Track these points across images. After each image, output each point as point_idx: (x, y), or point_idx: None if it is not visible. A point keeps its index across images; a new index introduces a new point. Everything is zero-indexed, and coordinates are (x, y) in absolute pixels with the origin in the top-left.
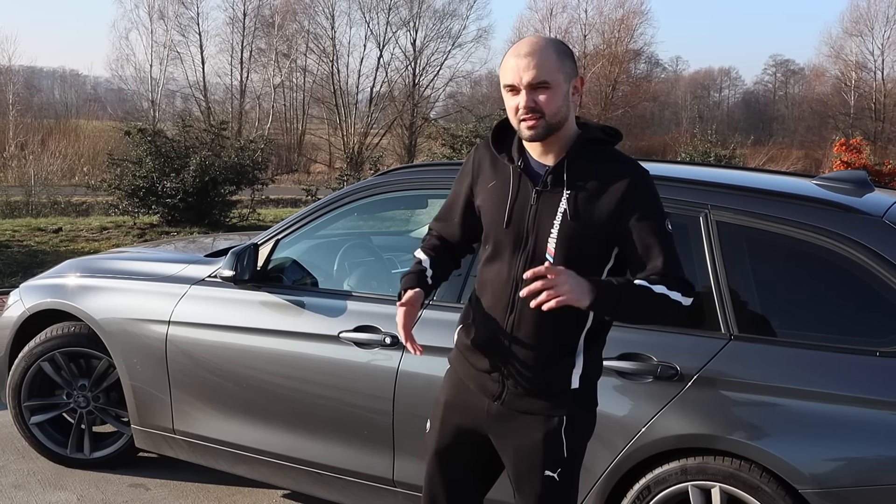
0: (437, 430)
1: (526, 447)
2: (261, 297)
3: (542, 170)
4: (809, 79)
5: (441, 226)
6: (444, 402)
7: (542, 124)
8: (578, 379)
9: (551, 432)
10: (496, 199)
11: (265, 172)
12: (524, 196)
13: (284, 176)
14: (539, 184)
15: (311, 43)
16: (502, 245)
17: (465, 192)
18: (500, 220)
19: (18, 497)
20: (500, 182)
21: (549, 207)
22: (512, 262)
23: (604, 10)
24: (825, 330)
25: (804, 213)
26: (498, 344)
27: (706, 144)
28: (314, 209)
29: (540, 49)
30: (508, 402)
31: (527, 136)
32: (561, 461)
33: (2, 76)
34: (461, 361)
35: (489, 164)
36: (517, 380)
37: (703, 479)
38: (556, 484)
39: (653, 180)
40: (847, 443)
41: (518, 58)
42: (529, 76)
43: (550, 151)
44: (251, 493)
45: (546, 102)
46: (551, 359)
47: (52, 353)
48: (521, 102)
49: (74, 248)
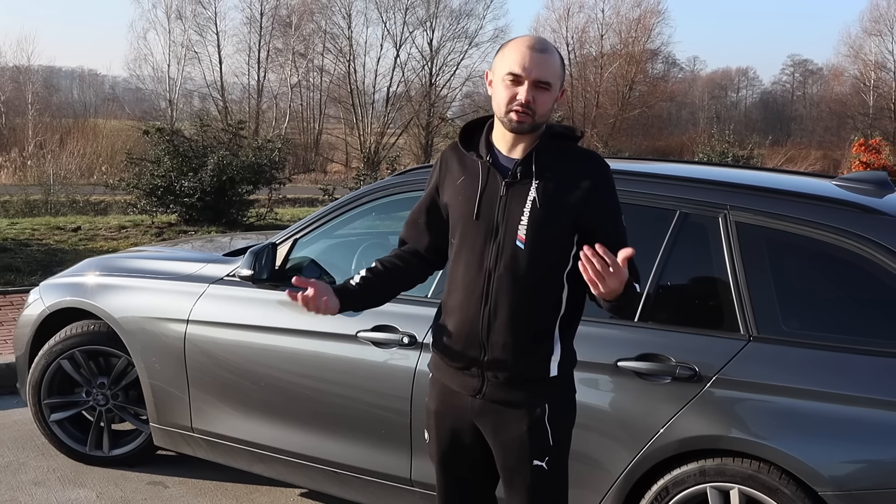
0: (434, 438)
1: (511, 439)
2: (279, 297)
3: (510, 163)
4: (828, 79)
5: (408, 231)
6: (433, 411)
7: (530, 122)
8: (557, 367)
9: (535, 422)
10: (465, 193)
11: (282, 172)
12: (493, 188)
13: (301, 175)
14: (508, 176)
15: (327, 43)
16: (472, 237)
17: (431, 192)
18: (470, 212)
19: (38, 494)
20: (468, 177)
21: (518, 198)
22: (484, 253)
23: (621, 10)
24: (845, 331)
25: (824, 213)
26: (474, 337)
27: (724, 145)
28: (332, 209)
29: (551, 51)
30: (489, 395)
31: (511, 128)
32: (547, 449)
33: (21, 76)
34: (439, 365)
35: (457, 163)
36: (497, 371)
37: (722, 480)
38: (545, 473)
39: (613, 175)
40: (867, 445)
41: (532, 51)
42: (539, 73)
43: (519, 146)
44: (269, 492)
45: (542, 103)
46: (529, 347)
47: (72, 352)
48: (521, 95)
49: (93, 246)
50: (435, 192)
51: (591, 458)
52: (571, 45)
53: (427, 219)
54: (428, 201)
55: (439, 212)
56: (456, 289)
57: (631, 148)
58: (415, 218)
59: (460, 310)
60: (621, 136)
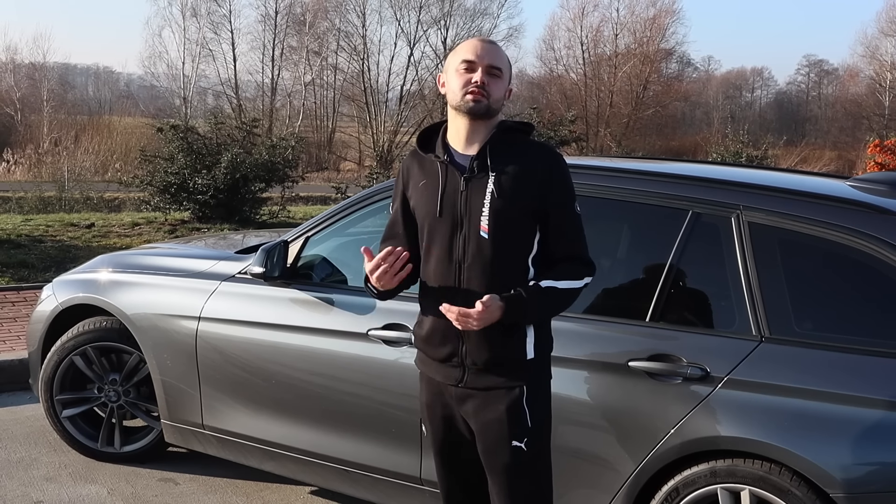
0: (430, 431)
1: (491, 421)
2: (290, 294)
3: (466, 161)
4: (843, 79)
5: (389, 244)
6: (425, 404)
7: (486, 103)
8: (533, 349)
9: (513, 403)
10: (428, 193)
11: (295, 170)
12: (453, 185)
13: (314, 173)
14: (466, 171)
15: (342, 41)
16: (440, 233)
17: (401, 200)
18: (434, 210)
19: (50, 489)
20: (429, 178)
21: (477, 191)
22: (452, 245)
23: (635, 10)
24: (857, 332)
25: (837, 214)
26: (451, 329)
27: (738, 145)
28: (344, 207)
29: (498, 45)
30: (470, 383)
31: (468, 108)
32: (526, 431)
33: (37, 73)
34: (423, 359)
35: (417, 168)
36: (475, 358)
37: (733, 481)
38: (525, 454)
39: (567, 164)
40: (879, 447)
41: (482, 42)
42: (490, 59)
43: (474, 143)
44: (279, 489)
45: (495, 88)
46: (504, 331)
47: (84, 348)
48: (476, 77)
49: (106, 243)
50: (404, 200)
51: (601, 457)
52: (586, 45)
53: (404, 228)
54: (401, 211)
55: (411, 218)
56: (430, 284)
57: (644, 147)
58: (392, 231)
59: (436, 304)
60: (635, 135)
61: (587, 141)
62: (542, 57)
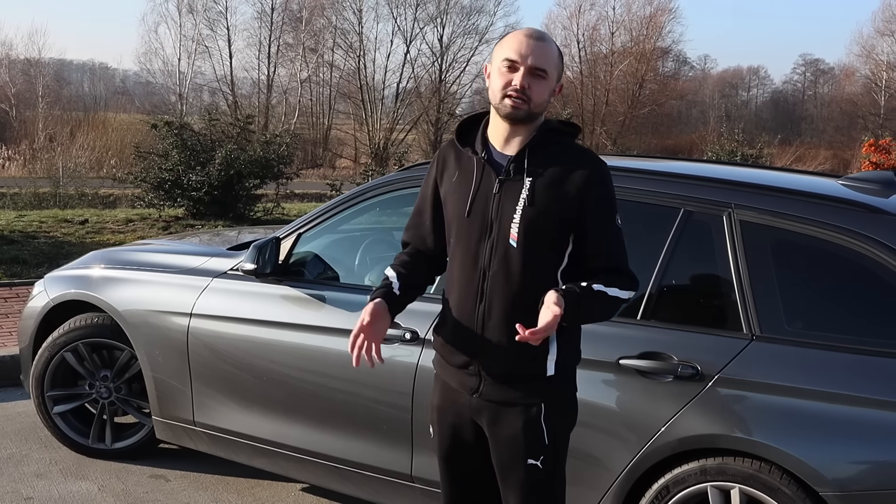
0: (437, 434)
1: (507, 438)
2: (282, 291)
3: (504, 160)
4: (839, 78)
5: (412, 234)
6: (436, 406)
7: (526, 109)
8: (554, 365)
9: (530, 421)
10: (460, 191)
11: (290, 167)
12: (487, 186)
13: (310, 170)
14: (502, 173)
15: (338, 38)
16: (467, 235)
17: (432, 189)
18: (463, 210)
19: (40, 486)
20: (463, 174)
21: (511, 195)
22: (479, 251)
23: (632, 8)
24: (848, 331)
25: (829, 213)
26: (470, 336)
27: (733, 143)
28: (337, 204)
29: (548, 40)
30: (486, 394)
31: (505, 114)
32: (543, 449)
33: (32, 68)
34: (440, 362)
35: (453, 159)
36: (492, 370)
37: (723, 479)
38: (540, 471)
39: (610, 173)
40: (869, 445)
41: (529, 38)
42: (535, 59)
43: (513, 142)
44: (270, 486)
45: (537, 91)
46: (523, 346)
47: (75, 344)
48: (517, 80)
49: (100, 239)
50: (436, 191)
51: (591, 455)
52: (582, 43)
53: (430, 218)
54: (429, 200)
55: (440, 210)
56: (452, 288)
57: (640, 146)
58: (417, 219)
59: (457, 309)
60: (631, 134)
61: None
62: None
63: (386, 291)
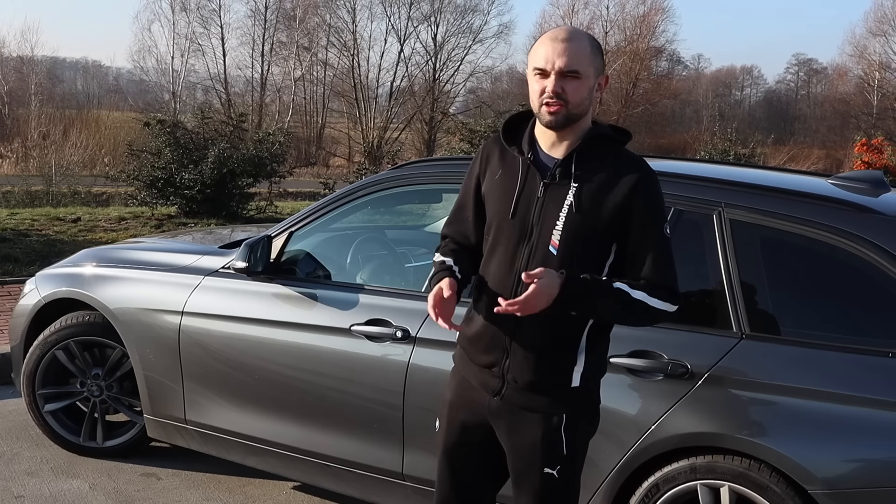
0: (444, 428)
1: (525, 444)
2: (273, 289)
3: (551, 163)
4: (832, 78)
5: (454, 229)
6: (449, 401)
7: (564, 112)
8: (580, 377)
9: (550, 430)
10: (503, 190)
11: (283, 165)
12: (531, 188)
13: (303, 169)
14: (547, 176)
15: (332, 37)
16: (506, 236)
17: (475, 186)
18: (506, 210)
19: (31, 484)
20: (507, 173)
21: (555, 200)
22: (516, 253)
23: (626, 7)
24: (837, 330)
25: (818, 212)
26: (499, 338)
27: (725, 143)
28: (328, 202)
29: (576, 38)
30: (508, 398)
31: (546, 122)
32: (560, 459)
33: (24, 66)
34: (463, 358)
35: (498, 157)
36: (517, 375)
37: (713, 477)
38: (556, 481)
39: (659, 182)
40: (858, 444)
41: (554, 42)
42: (562, 62)
43: (561, 145)
44: (262, 485)
45: (573, 92)
46: (553, 354)
47: (67, 342)
48: (548, 87)
49: (92, 237)
50: (478, 185)
51: None
52: None
53: (473, 212)
54: (471, 196)
55: (482, 204)
56: (487, 285)
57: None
58: (459, 214)
59: (488, 309)
60: None
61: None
62: None
63: (449, 273)
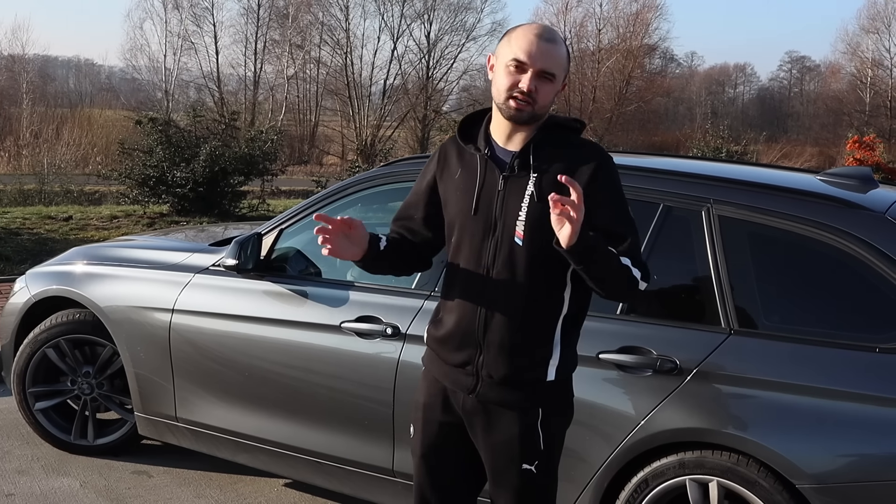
0: (419, 432)
1: (502, 442)
2: (264, 287)
3: (507, 156)
4: (825, 76)
5: (398, 224)
6: (422, 404)
7: (530, 111)
8: (555, 371)
9: (527, 426)
10: (463, 188)
11: (275, 163)
12: (491, 182)
13: (297, 167)
14: (506, 169)
15: (325, 34)
16: (470, 233)
17: (428, 186)
18: (468, 207)
19: (22, 482)
20: (466, 171)
21: (516, 192)
22: (483, 249)
23: (619, 5)
24: (825, 325)
25: (806, 208)
26: (470, 336)
27: (718, 140)
28: (318, 199)
29: (559, 41)
30: (483, 395)
31: (508, 115)
32: (538, 454)
33: (16, 64)
34: (433, 359)
35: (455, 157)
36: (491, 370)
37: (701, 472)
38: (534, 476)
39: (616, 166)
40: (846, 439)
41: (540, 40)
42: (544, 63)
43: (517, 137)
44: (253, 482)
45: (543, 94)
46: (526, 348)
47: (57, 340)
48: (524, 82)
49: (84, 236)
50: (433, 187)
51: (571, 449)
52: (569, 40)
53: (422, 212)
54: (423, 194)
55: (435, 207)
56: (454, 285)
57: (627, 143)
58: (408, 212)
59: (458, 307)
60: (617, 130)
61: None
62: None
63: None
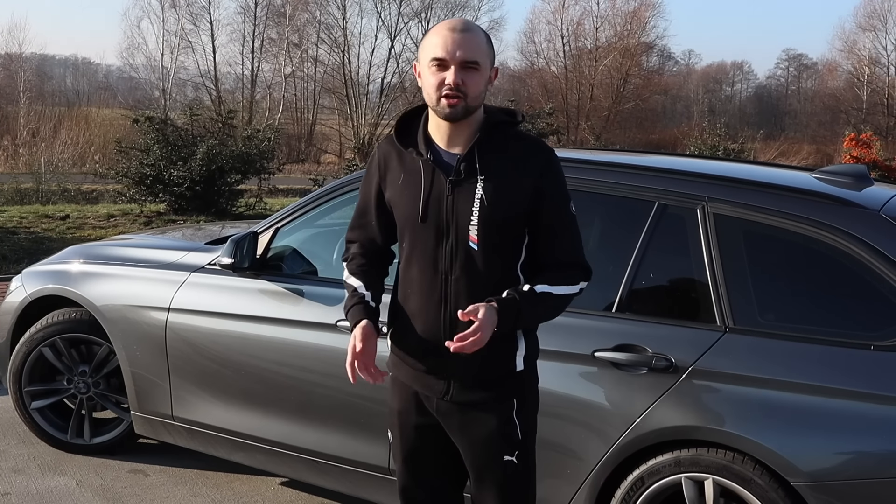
0: (398, 437)
1: (481, 437)
2: (260, 285)
3: (452, 160)
4: (822, 74)
5: (358, 233)
6: (396, 410)
7: (463, 105)
8: (523, 360)
9: (504, 419)
10: (409, 194)
11: (272, 161)
12: (438, 188)
13: (294, 166)
14: (452, 173)
15: (322, 33)
16: (422, 239)
17: (375, 190)
18: (415, 214)
19: (18, 481)
20: (409, 176)
21: (465, 196)
22: (437, 255)
23: (616, 3)
24: (820, 323)
25: (801, 206)
26: (436, 342)
27: (715, 138)
28: (314, 198)
29: (474, 29)
30: (456, 397)
31: (444, 115)
32: (517, 444)
33: (13, 63)
34: (401, 366)
35: (396, 160)
36: (461, 372)
37: (697, 470)
38: (515, 466)
39: (559, 160)
40: (840, 436)
41: (453, 32)
42: (463, 53)
43: (459, 139)
44: (249, 480)
45: (472, 84)
46: (493, 346)
47: (53, 339)
48: (449, 78)
49: (81, 235)
50: (380, 191)
51: (567, 448)
52: (566, 38)
53: (375, 216)
54: (372, 199)
55: (386, 211)
56: (412, 293)
57: (624, 141)
58: (361, 218)
59: (420, 314)
60: (615, 128)
61: (566, 134)
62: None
63: (364, 307)
